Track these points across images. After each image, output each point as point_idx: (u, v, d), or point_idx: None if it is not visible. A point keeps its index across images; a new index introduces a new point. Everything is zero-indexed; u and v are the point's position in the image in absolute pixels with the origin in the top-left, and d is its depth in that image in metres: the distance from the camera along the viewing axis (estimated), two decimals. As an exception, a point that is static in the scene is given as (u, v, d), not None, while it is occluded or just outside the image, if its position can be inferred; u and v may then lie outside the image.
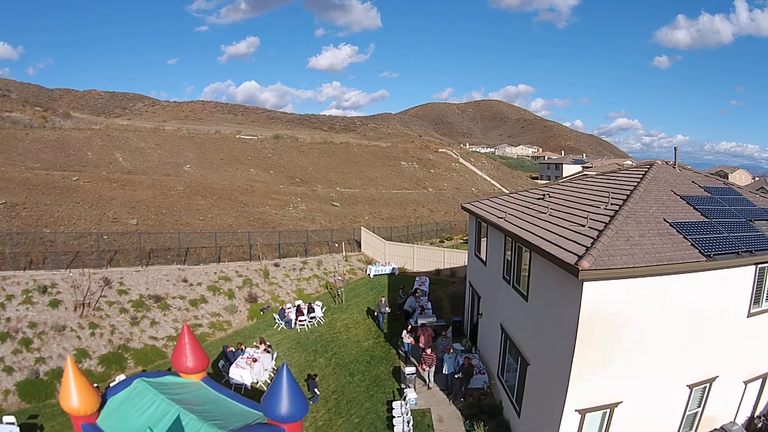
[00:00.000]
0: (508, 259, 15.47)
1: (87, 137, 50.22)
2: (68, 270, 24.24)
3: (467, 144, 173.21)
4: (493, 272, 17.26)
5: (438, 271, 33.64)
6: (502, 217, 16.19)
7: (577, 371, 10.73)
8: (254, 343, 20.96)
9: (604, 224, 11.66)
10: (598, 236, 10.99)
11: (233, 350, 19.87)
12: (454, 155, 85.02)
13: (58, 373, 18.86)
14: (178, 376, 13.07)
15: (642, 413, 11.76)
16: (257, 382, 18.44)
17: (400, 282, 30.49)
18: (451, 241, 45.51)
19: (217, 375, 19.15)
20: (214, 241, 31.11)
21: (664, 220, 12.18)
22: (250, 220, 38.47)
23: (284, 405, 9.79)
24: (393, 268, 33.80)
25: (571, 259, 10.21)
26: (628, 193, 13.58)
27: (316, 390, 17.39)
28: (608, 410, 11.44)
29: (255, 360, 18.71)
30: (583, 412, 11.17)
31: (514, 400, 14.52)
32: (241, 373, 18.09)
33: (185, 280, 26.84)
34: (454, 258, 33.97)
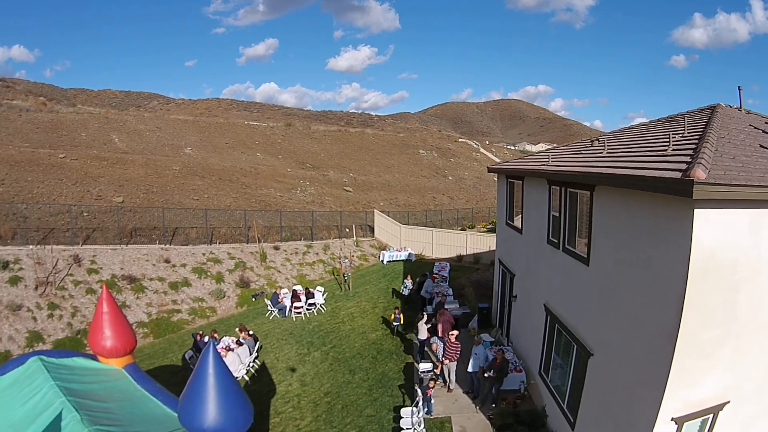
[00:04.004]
0: (554, 216, 11.49)
1: (83, 119, 47.27)
2: (37, 246, 21.40)
3: (487, 142, 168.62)
4: (533, 239, 13.28)
5: (460, 258, 29.66)
6: (544, 163, 12.32)
7: (682, 359, 6.77)
8: (236, 330, 17.33)
9: (695, 144, 7.81)
10: (696, 150, 7.20)
11: (206, 339, 16.19)
12: (475, 145, 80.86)
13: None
14: (96, 359, 9.43)
15: (746, 416, 7.74)
16: (231, 378, 14.68)
17: (416, 269, 26.54)
18: (474, 229, 41.48)
19: (185, 368, 15.55)
20: (205, 220, 27.54)
21: (761, 146, 8.32)
22: (252, 201, 34.88)
23: (209, 412, 6.01)
24: (409, 254, 29.92)
25: (674, 174, 6.35)
26: (703, 125, 9.63)
27: (431, 400, 12.64)
28: (711, 415, 7.45)
29: (230, 350, 14.98)
30: (680, 421, 7.20)
31: (565, 406, 10.53)
32: (211, 366, 14.39)
33: (167, 261, 23.35)
34: (478, 243, 29.96)
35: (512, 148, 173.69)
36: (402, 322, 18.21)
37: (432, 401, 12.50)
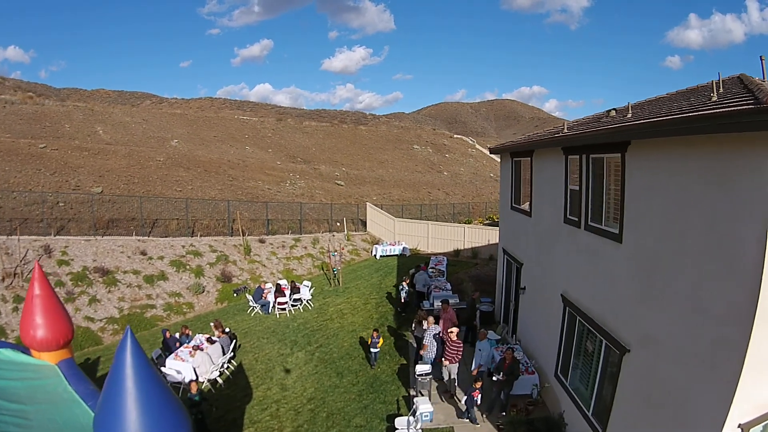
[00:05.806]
0: (573, 190, 9.88)
1: (68, 111, 45.42)
2: (7, 237, 19.92)
3: (482, 141, 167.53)
4: (546, 221, 11.68)
5: (457, 252, 28.06)
6: (560, 129, 10.73)
7: (757, 349, 5.16)
8: (211, 326, 15.64)
9: (744, 90, 6.42)
10: (751, 92, 5.83)
11: (177, 336, 14.51)
12: (470, 141, 79.31)
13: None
14: (29, 352, 7.82)
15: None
16: (203, 382, 12.95)
17: (411, 265, 24.77)
18: (470, 224, 39.86)
19: (152, 370, 13.81)
20: (186, 211, 25.80)
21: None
22: (238, 194, 33.11)
23: (128, 425, 4.27)
24: (404, 248, 28.26)
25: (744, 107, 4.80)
26: (738, 82, 8.08)
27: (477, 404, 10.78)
28: (776, 417, 5.88)
29: (199, 349, 13.27)
30: (747, 427, 5.61)
31: (590, 413, 8.89)
32: (179, 366, 12.70)
33: (143, 253, 21.62)
34: (476, 236, 28.38)
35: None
36: (380, 348, 14.50)
37: (475, 407, 10.82)
